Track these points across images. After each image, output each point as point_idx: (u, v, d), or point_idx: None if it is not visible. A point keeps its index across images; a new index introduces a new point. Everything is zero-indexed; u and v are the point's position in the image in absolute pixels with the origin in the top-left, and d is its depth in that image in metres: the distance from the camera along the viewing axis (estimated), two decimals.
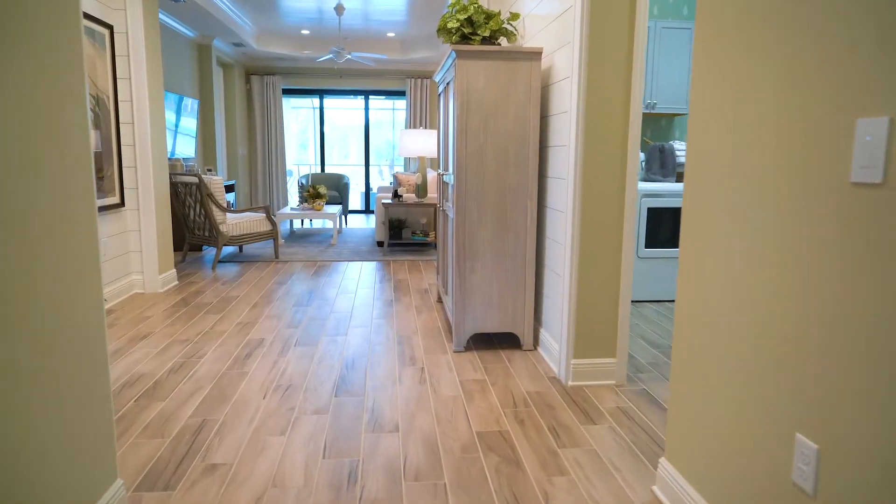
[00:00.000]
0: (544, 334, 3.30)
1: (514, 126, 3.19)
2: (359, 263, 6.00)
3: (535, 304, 3.40)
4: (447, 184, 3.66)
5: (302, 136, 11.92)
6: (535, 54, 3.12)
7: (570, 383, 2.86)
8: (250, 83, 10.11)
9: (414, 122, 10.39)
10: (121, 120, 4.42)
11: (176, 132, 7.30)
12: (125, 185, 4.50)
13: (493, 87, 3.15)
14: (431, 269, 5.73)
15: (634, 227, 2.81)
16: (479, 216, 3.24)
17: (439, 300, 4.50)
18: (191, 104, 7.44)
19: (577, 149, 2.73)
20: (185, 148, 7.45)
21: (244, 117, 10.03)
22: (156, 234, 4.61)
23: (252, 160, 10.35)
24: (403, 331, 3.73)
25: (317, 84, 10.37)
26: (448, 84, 3.53)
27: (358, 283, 5.09)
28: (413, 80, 10.26)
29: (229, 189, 7.92)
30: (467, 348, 3.40)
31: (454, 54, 3.10)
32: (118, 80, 4.37)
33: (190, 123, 7.50)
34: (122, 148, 4.46)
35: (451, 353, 3.31)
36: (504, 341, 3.53)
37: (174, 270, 4.97)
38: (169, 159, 6.90)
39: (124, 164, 4.48)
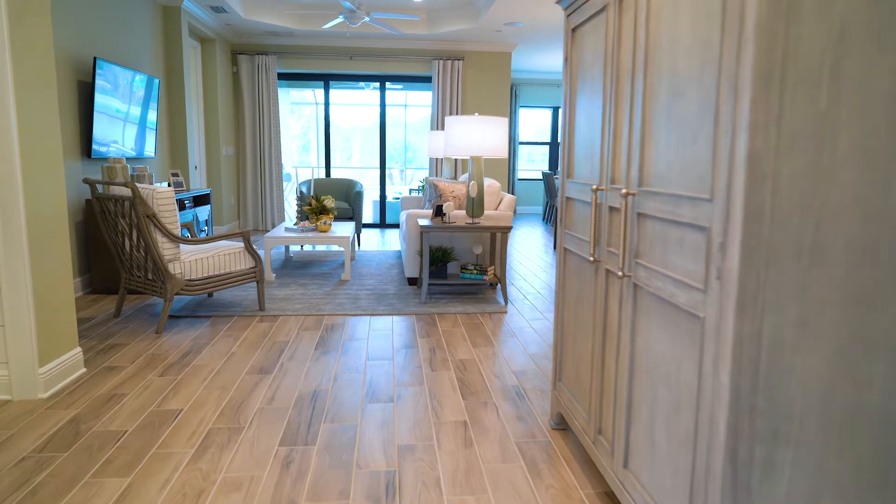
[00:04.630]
0: None
1: None
2: (387, 320, 3.89)
3: None
4: (632, 214, 1.55)
5: (304, 137, 9.92)
6: None
7: None
8: (237, 64, 8.02)
9: (443, 114, 8.29)
10: None
11: (143, 125, 5.22)
12: None
13: None
14: (501, 332, 3.61)
15: None
16: (799, 317, 1.14)
17: (561, 426, 2.38)
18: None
19: None
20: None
21: (230, 108, 7.93)
22: (31, 294, 2.52)
23: (240, 162, 8.24)
24: None
25: (321, 67, 8.26)
26: None
27: (393, 368, 2.98)
28: (441, 61, 8.16)
29: (203, 201, 5.82)
30: None
31: None
32: None
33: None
34: None
35: None
36: None
37: (78, 349, 2.86)
38: (107, 160, 4.79)
39: None
